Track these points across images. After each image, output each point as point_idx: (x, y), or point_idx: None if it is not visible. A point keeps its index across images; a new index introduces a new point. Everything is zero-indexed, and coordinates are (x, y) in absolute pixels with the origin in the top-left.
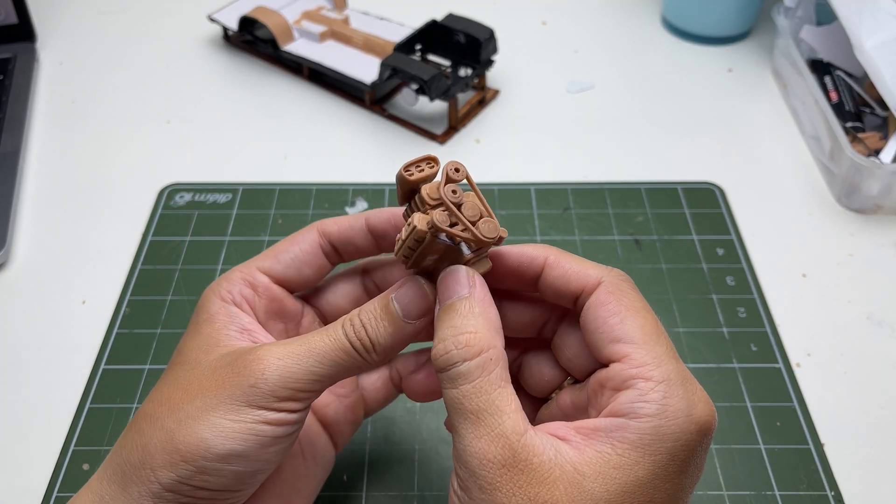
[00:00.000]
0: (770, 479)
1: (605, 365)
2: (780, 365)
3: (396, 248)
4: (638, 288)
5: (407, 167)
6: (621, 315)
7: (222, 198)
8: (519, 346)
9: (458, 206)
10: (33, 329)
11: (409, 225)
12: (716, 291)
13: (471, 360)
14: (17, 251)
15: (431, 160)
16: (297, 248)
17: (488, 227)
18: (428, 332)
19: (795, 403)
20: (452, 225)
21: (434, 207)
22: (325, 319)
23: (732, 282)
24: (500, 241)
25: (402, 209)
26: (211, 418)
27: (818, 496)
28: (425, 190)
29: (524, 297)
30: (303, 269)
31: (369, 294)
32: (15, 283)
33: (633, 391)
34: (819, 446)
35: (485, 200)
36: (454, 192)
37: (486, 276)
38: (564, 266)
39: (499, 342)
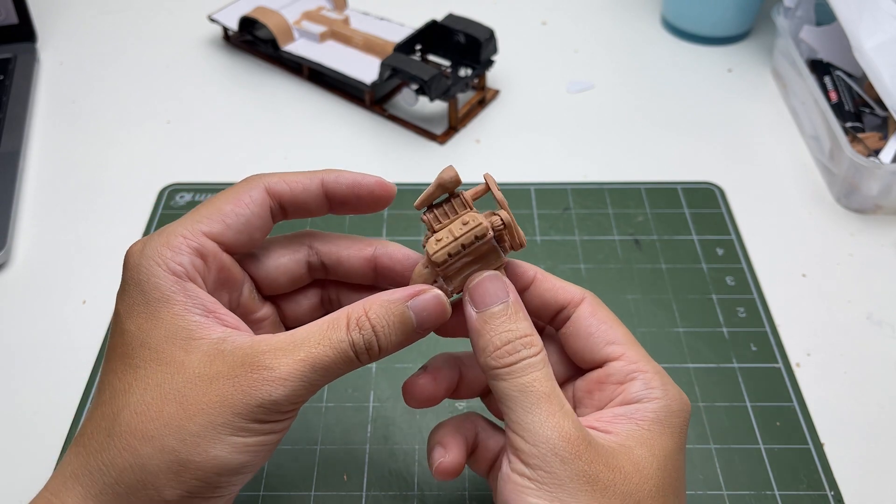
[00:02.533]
0: (770, 479)
1: (592, 368)
2: (780, 365)
3: (438, 248)
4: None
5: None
6: (609, 323)
7: None
8: None
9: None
10: (33, 329)
11: (465, 224)
12: (716, 291)
13: (535, 356)
14: (17, 251)
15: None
16: (248, 213)
17: (522, 235)
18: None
19: (795, 403)
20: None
21: (469, 210)
22: (260, 288)
23: (732, 282)
24: None
25: (370, 177)
26: (221, 437)
27: (818, 496)
28: (467, 193)
29: None
30: (254, 234)
31: (311, 270)
32: (15, 283)
33: (639, 381)
34: (819, 446)
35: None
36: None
37: None
38: (552, 281)
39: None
